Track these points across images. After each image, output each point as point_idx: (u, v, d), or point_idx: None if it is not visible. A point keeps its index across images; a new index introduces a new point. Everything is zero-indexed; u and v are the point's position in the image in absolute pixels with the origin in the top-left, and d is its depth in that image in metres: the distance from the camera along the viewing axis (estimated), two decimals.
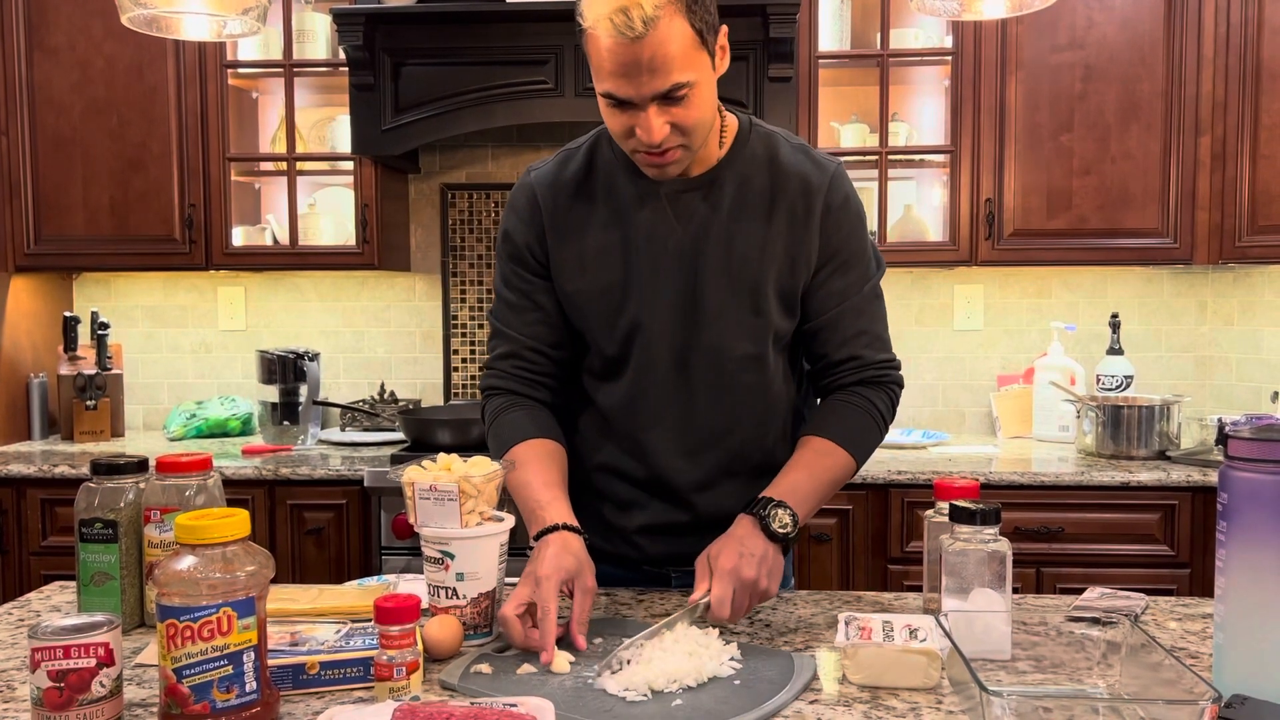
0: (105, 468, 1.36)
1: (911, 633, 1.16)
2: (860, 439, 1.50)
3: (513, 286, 1.54)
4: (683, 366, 1.49)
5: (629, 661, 1.17)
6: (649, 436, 1.52)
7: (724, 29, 1.38)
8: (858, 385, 1.52)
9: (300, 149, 3.11)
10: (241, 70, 3.09)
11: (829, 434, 1.48)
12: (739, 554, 1.33)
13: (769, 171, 1.47)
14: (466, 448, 2.68)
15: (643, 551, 1.57)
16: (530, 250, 1.52)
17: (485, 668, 1.20)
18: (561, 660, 1.20)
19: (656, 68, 1.29)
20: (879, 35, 2.97)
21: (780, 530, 1.36)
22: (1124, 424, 2.78)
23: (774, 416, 1.55)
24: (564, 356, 1.57)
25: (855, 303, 1.50)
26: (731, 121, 1.49)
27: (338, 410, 3.33)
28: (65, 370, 3.17)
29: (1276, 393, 2.97)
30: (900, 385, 1.55)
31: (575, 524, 1.38)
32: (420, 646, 1.15)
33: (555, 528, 1.35)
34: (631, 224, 1.47)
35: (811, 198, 1.46)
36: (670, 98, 1.31)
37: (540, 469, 1.45)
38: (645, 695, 1.11)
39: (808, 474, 1.45)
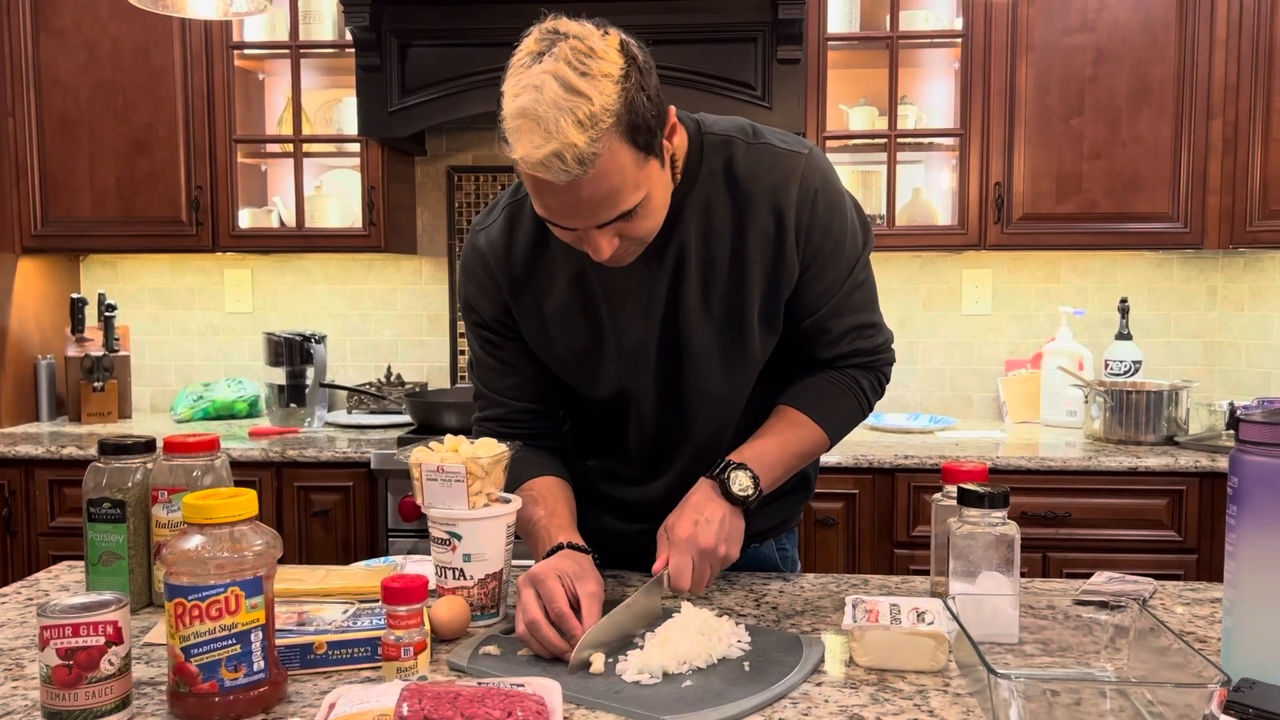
0: (113, 448, 1.36)
1: (919, 616, 1.16)
2: (839, 418, 1.45)
3: (487, 351, 1.48)
4: (675, 409, 1.44)
5: (639, 645, 1.17)
6: (646, 466, 1.49)
7: (671, 109, 1.23)
8: (848, 366, 1.46)
9: (307, 131, 3.10)
10: (248, 51, 3.08)
11: (807, 408, 1.42)
12: (695, 522, 1.29)
13: (729, 190, 1.34)
14: (473, 430, 2.67)
15: (647, 548, 1.55)
16: (497, 320, 1.45)
17: (493, 649, 1.20)
18: (598, 660, 1.14)
19: (599, 202, 1.15)
20: (889, 17, 2.95)
21: (740, 494, 1.32)
22: (1132, 409, 2.77)
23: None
24: (555, 407, 1.52)
25: (838, 302, 1.40)
26: (681, 140, 1.33)
27: (344, 393, 3.33)
28: (72, 352, 3.17)
29: None
30: (891, 363, 1.50)
31: (582, 544, 1.31)
32: (427, 627, 1.15)
33: (560, 546, 1.29)
34: (594, 283, 1.37)
35: (783, 213, 1.33)
36: (619, 217, 1.19)
37: (546, 505, 1.39)
38: (656, 678, 1.10)
39: (778, 442, 1.39)
